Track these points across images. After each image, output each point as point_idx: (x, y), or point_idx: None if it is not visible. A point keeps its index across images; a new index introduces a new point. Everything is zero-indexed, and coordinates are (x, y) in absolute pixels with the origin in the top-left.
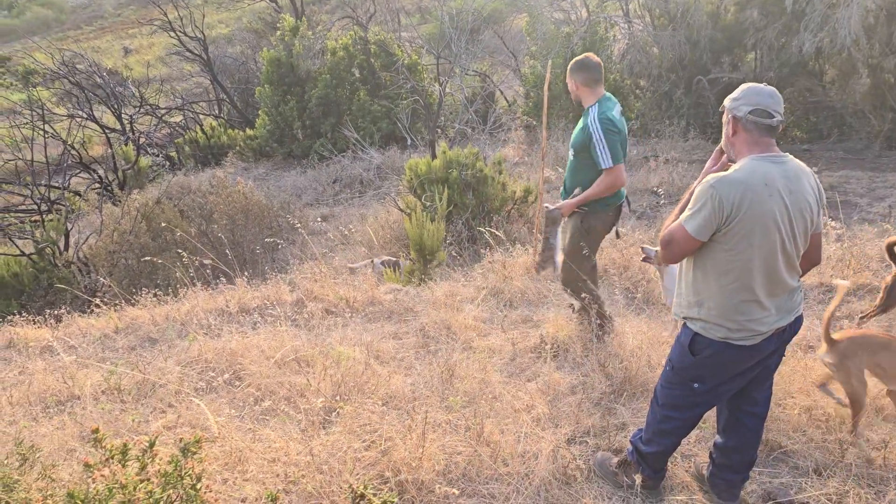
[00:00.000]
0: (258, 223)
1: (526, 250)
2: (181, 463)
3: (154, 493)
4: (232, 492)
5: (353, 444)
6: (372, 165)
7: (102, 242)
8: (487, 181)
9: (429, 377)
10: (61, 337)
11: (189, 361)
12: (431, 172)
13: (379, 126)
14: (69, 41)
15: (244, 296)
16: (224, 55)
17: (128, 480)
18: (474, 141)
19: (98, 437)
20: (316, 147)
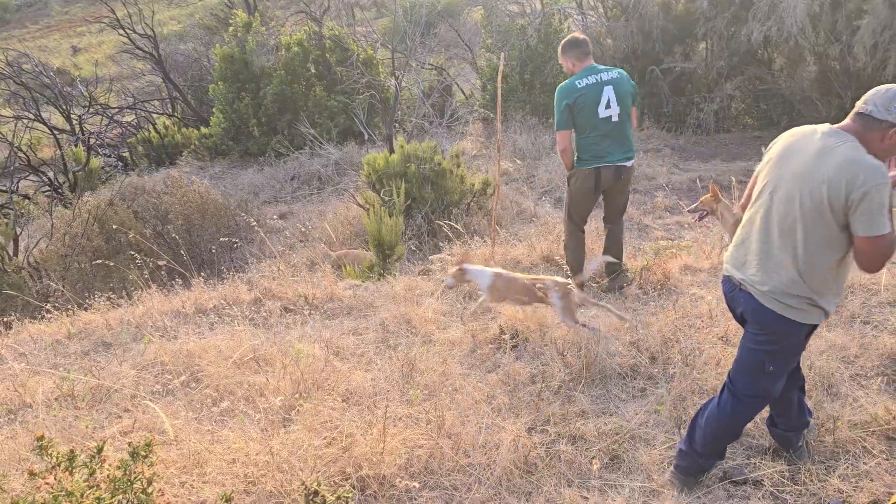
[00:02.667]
0: (215, 223)
1: (485, 242)
2: (131, 467)
3: (103, 500)
4: (190, 495)
5: (314, 442)
6: (330, 161)
7: (54, 246)
8: (446, 174)
9: (389, 372)
10: (10, 345)
11: (145, 365)
12: (389, 167)
13: (336, 122)
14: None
15: (201, 296)
16: (176, 52)
17: (74, 487)
18: (432, 135)
19: (43, 445)
20: (272, 144)
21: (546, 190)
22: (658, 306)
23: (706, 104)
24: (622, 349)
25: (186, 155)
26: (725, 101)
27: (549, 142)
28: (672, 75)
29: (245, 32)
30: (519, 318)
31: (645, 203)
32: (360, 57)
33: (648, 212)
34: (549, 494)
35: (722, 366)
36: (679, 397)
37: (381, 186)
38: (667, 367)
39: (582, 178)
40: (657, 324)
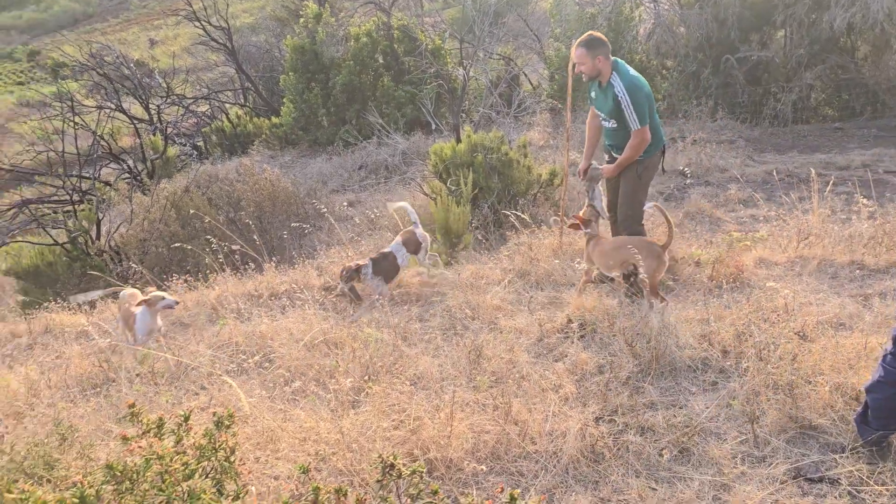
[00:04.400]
0: (285, 210)
1: (552, 233)
2: (215, 436)
3: (189, 465)
4: (265, 469)
5: (382, 424)
6: (397, 151)
7: (133, 231)
8: (513, 164)
9: (456, 358)
10: (96, 322)
11: (220, 345)
12: (456, 157)
13: (403, 112)
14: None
15: (273, 281)
16: (248, 44)
17: (164, 452)
18: (499, 125)
19: (134, 412)
20: (341, 134)
21: None
22: (731, 299)
23: (784, 94)
24: (693, 342)
25: (257, 144)
26: (804, 91)
27: None
28: (748, 64)
29: (315, 23)
30: (587, 307)
31: (717, 196)
32: (428, 47)
33: (721, 204)
34: (617, 484)
35: (798, 361)
36: (752, 392)
37: (447, 176)
38: (739, 362)
39: (653, 163)
40: (730, 317)
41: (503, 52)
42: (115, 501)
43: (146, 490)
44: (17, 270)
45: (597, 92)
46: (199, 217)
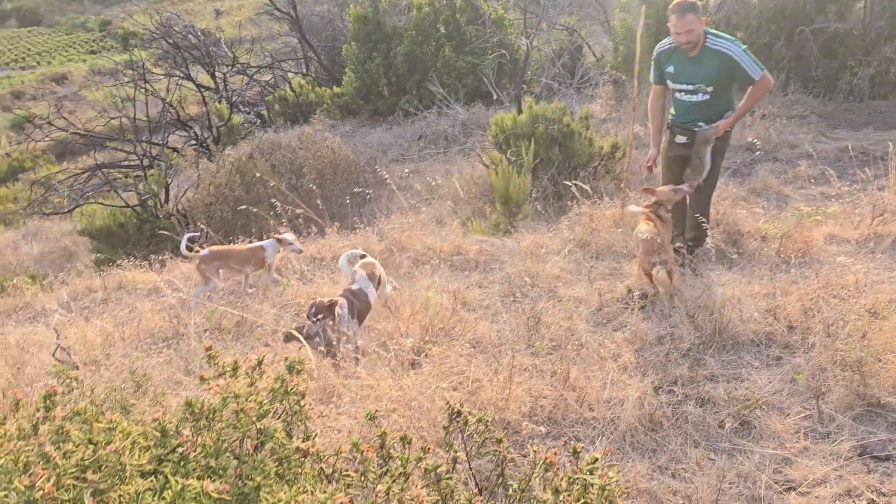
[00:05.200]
0: (345, 178)
1: (614, 203)
2: (287, 380)
3: (264, 405)
4: (327, 423)
5: (441, 384)
6: (457, 121)
7: (199, 195)
8: (574, 136)
9: (514, 324)
10: (167, 280)
11: (283, 304)
12: (517, 127)
13: (464, 82)
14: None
15: (334, 245)
16: (311, 13)
17: (240, 391)
18: (561, 96)
19: (212, 355)
20: (401, 104)
21: None
22: (799, 275)
23: (861, 68)
24: (757, 316)
25: (319, 113)
26: (884, 65)
27: None
28: (824, 36)
29: None
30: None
31: (785, 172)
32: (491, 17)
33: (789, 181)
34: (675, 453)
35: (868, 339)
36: (819, 368)
37: (507, 147)
38: (806, 337)
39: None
40: (797, 292)
41: (567, 23)
42: (193, 437)
43: (221, 428)
44: (91, 231)
45: (682, 64)
46: (263, 183)
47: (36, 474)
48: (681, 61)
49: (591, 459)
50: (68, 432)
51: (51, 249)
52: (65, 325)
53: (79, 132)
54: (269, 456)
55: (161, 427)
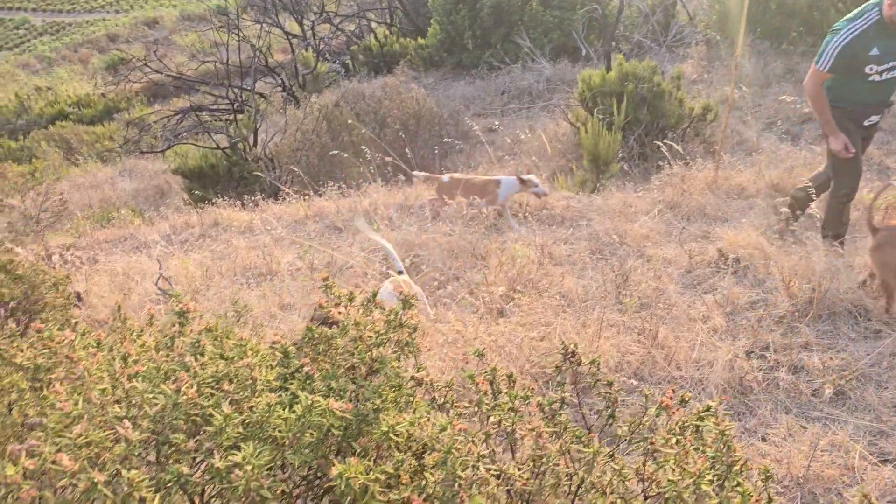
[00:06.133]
0: (428, 130)
1: (705, 166)
2: (400, 312)
3: (381, 333)
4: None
5: (530, 334)
6: (542, 77)
7: (286, 141)
8: (664, 96)
9: (601, 281)
10: (262, 219)
11: (372, 248)
12: (605, 85)
13: (550, 37)
14: None
15: (421, 193)
16: None
17: (359, 319)
18: (652, 54)
19: (328, 284)
20: (485, 57)
21: (772, 121)
22: None
23: None
24: (857, 288)
25: (402, 64)
26: None
27: (781, 68)
28: None
29: None
30: (740, 243)
31: (889, 143)
32: None
33: (893, 152)
34: (764, 417)
35: None
36: None
37: (594, 105)
38: None
39: None
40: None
41: None
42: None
43: (337, 354)
44: (183, 170)
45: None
46: (349, 131)
47: (181, 380)
48: (888, 37)
49: (704, 406)
50: (204, 346)
51: (145, 186)
52: (166, 257)
53: (172, 75)
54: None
55: (283, 349)
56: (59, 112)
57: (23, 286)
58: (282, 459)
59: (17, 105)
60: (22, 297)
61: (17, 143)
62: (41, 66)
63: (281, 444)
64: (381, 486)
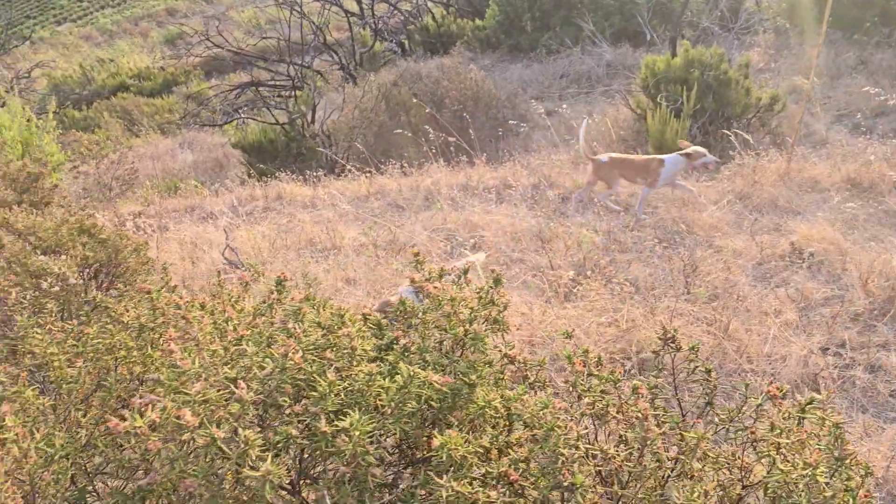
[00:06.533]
0: (485, 112)
1: (777, 157)
2: (491, 290)
3: (474, 309)
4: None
5: (598, 319)
6: (601, 62)
7: (344, 118)
8: (730, 84)
9: (668, 270)
10: (321, 196)
11: (435, 228)
12: (670, 71)
13: (611, 21)
14: None
15: (483, 175)
16: None
17: (453, 294)
18: (719, 41)
19: (419, 260)
20: (543, 40)
21: (842, 114)
22: None
23: None
24: None
25: (459, 45)
26: None
27: (853, 59)
28: None
29: None
30: (814, 237)
31: None
32: None
33: None
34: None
35: None
36: None
37: (656, 91)
38: None
39: None
40: None
41: None
42: (402, 333)
43: (429, 328)
44: (243, 144)
45: None
46: (406, 110)
47: (288, 345)
48: None
49: (808, 399)
50: (305, 313)
51: (204, 159)
52: (232, 228)
53: (233, 50)
54: (479, 359)
55: (377, 321)
56: (120, 84)
57: (107, 250)
58: (382, 428)
59: (81, 76)
60: (106, 261)
61: (80, 113)
62: (103, 39)
63: (382, 413)
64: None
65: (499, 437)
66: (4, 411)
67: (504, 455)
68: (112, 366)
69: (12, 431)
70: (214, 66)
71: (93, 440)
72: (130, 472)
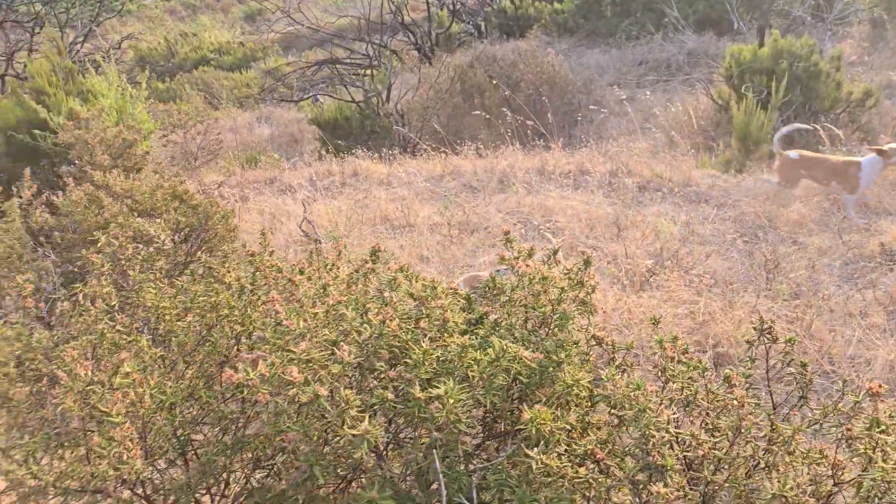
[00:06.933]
0: (561, 97)
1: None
2: (581, 272)
3: (564, 290)
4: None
5: (674, 310)
6: (683, 50)
7: (418, 98)
8: (820, 77)
9: (748, 265)
10: (403, 172)
11: (509, 210)
12: (756, 61)
13: (695, 8)
14: None
15: (559, 160)
16: None
17: (547, 273)
18: (809, 31)
19: (509, 238)
20: (623, 26)
21: None
22: None
23: None
24: None
25: (535, 29)
26: None
27: None
28: None
29: None
30: None
31: None
32: None
33: None
34: None
35: None
36: None
37: (740, 82)
38: None
39: None
40: None
41: None
42: (491, 308)
43: (516, 305)
44: (319, 120)
45: None
46: (480, 92)
47: (386, 313)
48: None
49: None
50: (399, 283)
51: (280, 133)
52: (309, 202)
53: (312, 27)
54: (567, 338)
55: (466, 296)
56: (201, 58)
57: (198, 216)
58: (472, 399)
59: (166, 49)
60: (196, 226)
61: (164, 85)
62: (186, 13)
63: (471, 385)
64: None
65: (584, 417)
66: (123, 358)
67: (586, 435)
68: (215, 323)
69: (131, 377)
70: (292, 42)
71: (196, 392)
72: (229, 423)
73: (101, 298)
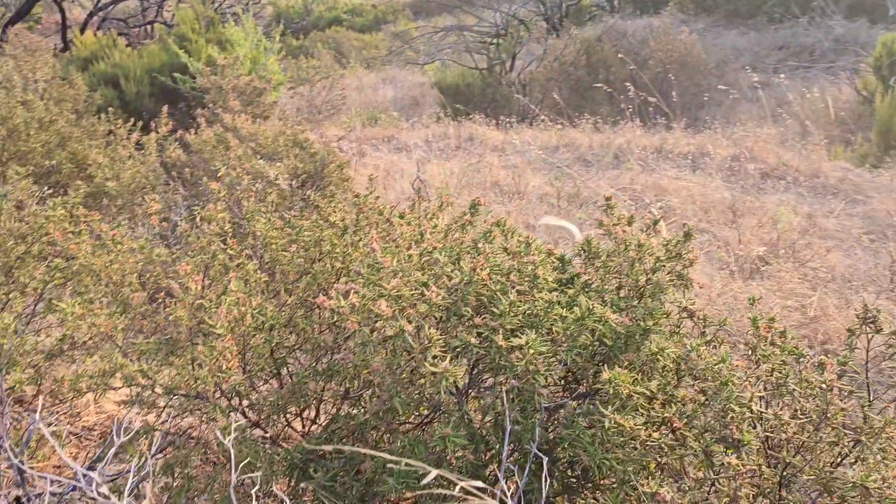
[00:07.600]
0: (690, 77)
1: None
2: (681, 243)
3: (660, 260)
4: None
5: (784, 302)
6: (829, 36)
7: (542, 70)
8: None
9: (873, 264)
10: (518, 140)
11: (621, 187)
12: None
13: None
14: None
15: (679, 140)
16: None
17: (643, 242)
18: None
19: (610, 204)
20: (767, 7)
21: None
22: None
23: None
24: None
25: (671, 6)
26: None
27: None
28: None
29: None
30: None
31: None
32: None
33: None
34: None
35: None
36: None
37: (890, 73)
38: None
39: None
40: None
41: None
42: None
43: (610, 271)
44: (441, 85)
45: None
46: (606, 67)
47: (477, 261)
48: None
49: None
50: (495, 237)
51: (402, 96)
52: (423, 162)
53: None
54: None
55: (561, 256)
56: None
57: (315, 163)
58: (554, 355)
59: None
60: (314, 172)
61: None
62: None
63: (556, 340)
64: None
65: (666, 387)
66: (231, 277)
67: (668, 407)
68: (317, 257)
69: (235, 295)
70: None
71: (294, 319)
72: (323, 352)
73: (216, 222)
